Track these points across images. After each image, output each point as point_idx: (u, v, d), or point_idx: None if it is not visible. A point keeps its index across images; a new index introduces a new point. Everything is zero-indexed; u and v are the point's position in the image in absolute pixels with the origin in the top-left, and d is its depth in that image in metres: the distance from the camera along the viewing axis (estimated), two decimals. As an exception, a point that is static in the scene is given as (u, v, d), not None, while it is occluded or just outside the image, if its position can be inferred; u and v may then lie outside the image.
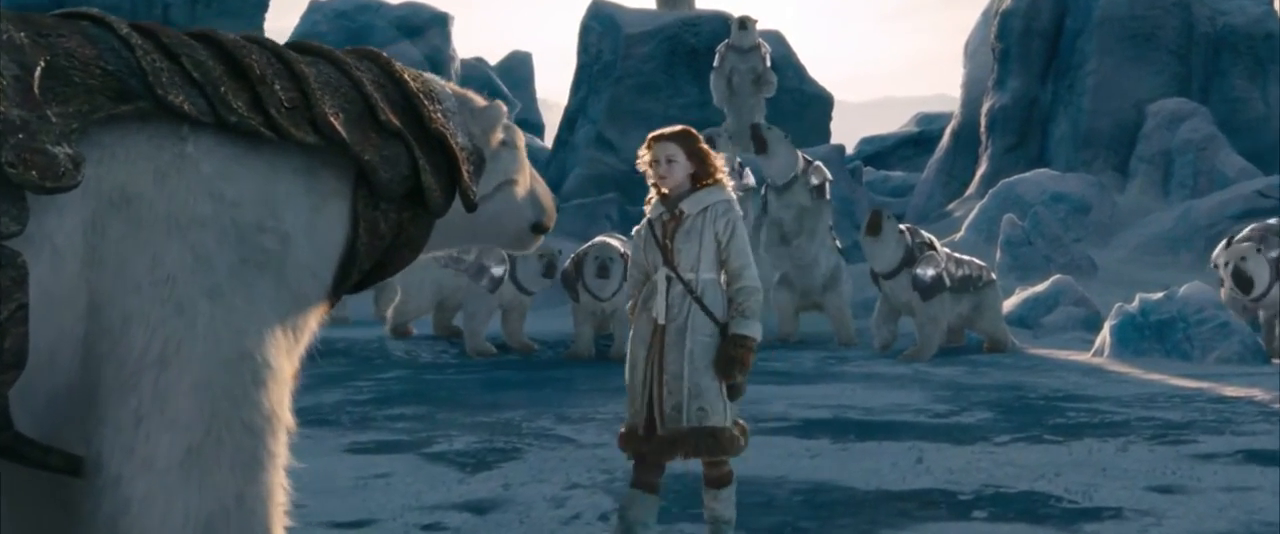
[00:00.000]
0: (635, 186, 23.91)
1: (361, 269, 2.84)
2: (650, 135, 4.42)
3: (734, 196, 4.42)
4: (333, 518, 4.91)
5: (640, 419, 4.38)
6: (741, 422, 4.55)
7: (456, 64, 38.20)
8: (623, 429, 4.50)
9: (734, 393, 4.39)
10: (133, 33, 2.49)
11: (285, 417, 2.58)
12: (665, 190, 4.36)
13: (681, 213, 4.33)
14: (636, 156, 4.47)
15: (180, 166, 2.43)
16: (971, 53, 28.05)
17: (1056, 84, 23.99)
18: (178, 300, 2.35)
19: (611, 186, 24.99)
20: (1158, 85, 22.88)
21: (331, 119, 2.65)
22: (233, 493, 2.40)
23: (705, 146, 4.39)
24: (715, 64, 19.59)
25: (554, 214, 3.69)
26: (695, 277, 4.31)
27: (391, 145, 2.79)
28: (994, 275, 12.60)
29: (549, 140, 31.36)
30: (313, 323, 2.74)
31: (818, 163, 14.08)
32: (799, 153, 13.69)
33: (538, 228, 3.58)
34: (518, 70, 45.53)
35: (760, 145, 13.36)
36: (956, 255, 12.40)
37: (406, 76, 2.96)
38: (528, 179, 3.46)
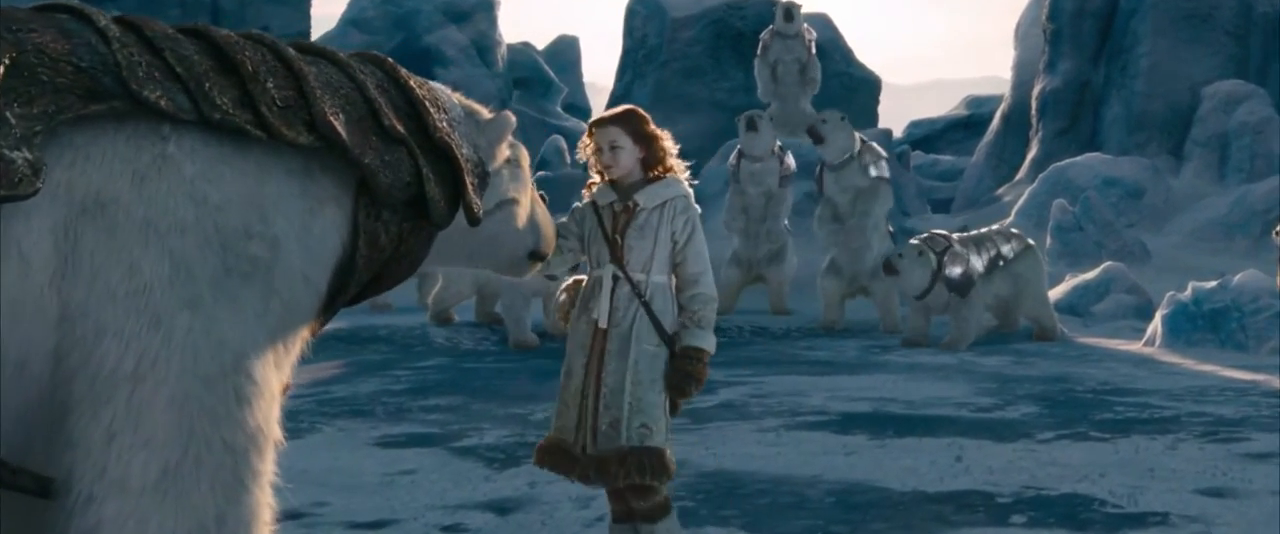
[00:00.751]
0: (680, 172, 23.75)
1: (360, 281, 2.72)
2: (591, 121, 3.99)
3: (691, 192, 3.96)
4: (354, 518, 4.82)
5: (570, 434, 3.92)
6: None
7: (502, 48, 38.17)
8: (544, 442, 4.01)
9: (674, 411, 3.95)
10: (112, 25, 2.37)
11: (273, 432, 2.46)
12: (614, 178, 3.90)
13: (635, 205, 3.86)
14: (579, 145, 4.03)
15: (161, 168, 2.31)
16: (1022, 34, 27.63)
17: (1109, 66, 23.55)
18: (154, 311, 2.23)
19: (657, 172, 24.80)
20: (1213, 67, 22.41)
21: (330, 119, 2.52)
22: (212, 515, 2.27)
23: (654, 129, 3.91)
24: (759, 51, 19.41)
25: (553, 241, 3.57)
26: (645, 278, 3.86)
27: (394, 151, 2.66)
28: (1029, 241, 12.31)
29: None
30: (306, 333, 2.63)
31: (874, 144, 14.02)
32: (856, 134, 13.57)
33: (535, 255, 3.45)
34: (565, 54, 45.45)
35: (817, 140, 13.35)
36: (974, 233, 12.16)
37: (412, 83, 2.83)
38: (530, 202, 3.33)
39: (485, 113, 3.08)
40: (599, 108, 32.15)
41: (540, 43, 44.65)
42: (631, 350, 3.83)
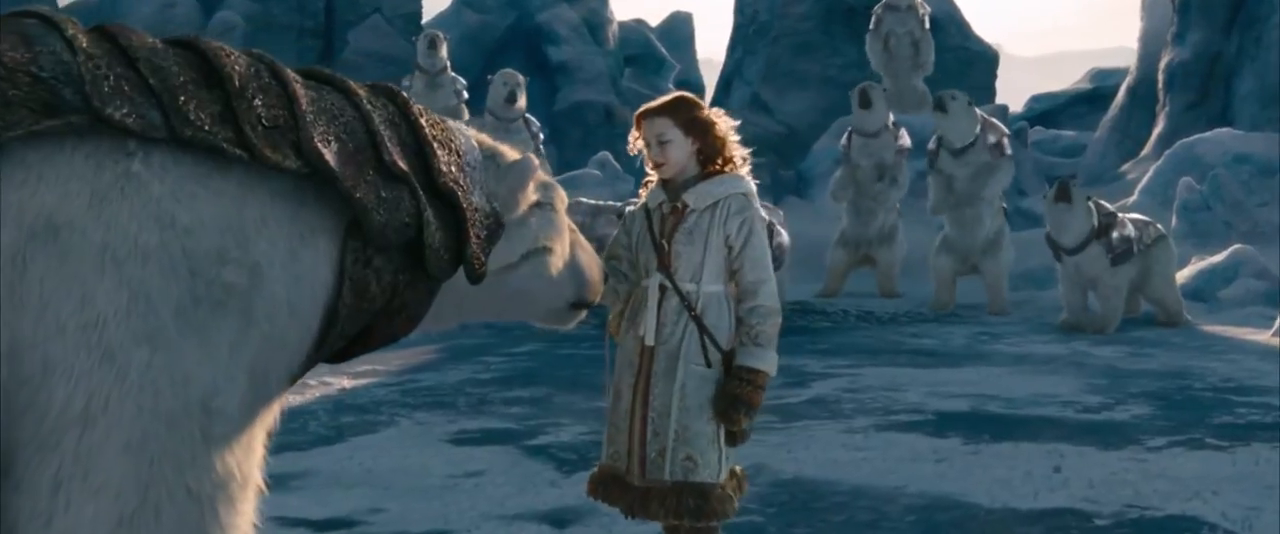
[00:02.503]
0: (793, 149, 23.31)
1: (344, 332, 2.46)
2: (638, 111, 3.60)
3: (751, 189, 3.54)
4: (407, 528, 4.64)
5: (622, 461, 3.54)
6: (739, 471, 3.66)
7: (614, 26, 38.00)
8: (596, 470, 3.68)
9: (733, 440, 3.52)
10: (80, 35, 2.17)
11: (250, 478, 2.24)
12: (665, 176, 3.52)
13: (684, 206, 3.47)
14: (630, 140, 3.60)
15: (124, 188, 2.10)
16: (1150, 4, 26.50)
17: (1242, 36, 22.41)
18: (107, 346, 2.03)
19: (768, 150, 24.40)
20: (1356, 36, 21.20)
21: (320, 145, 2.30)
22: None
23: (709, 116, 3.52)
24: (872, 26, 18.91)
25: (599, 287, 3.26)
26: (695, 288, 3.44)
27: (394, 189, 2.43)
28: (1160, 227, 11.74)
29: (708, 102, 30.89)
30: (295, 369, 2.39)
31: (994, 120, 13.53)
32: (979, 113, 13.10)
33: (578, 305, 3.18)
34: (678, 30, 45.09)
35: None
36: (1127, 215, 11.62)
37: (423, 121, 2.60)
38: (567, 247, 3.05)
39: (510, 155, 2.85)
40: (712, 85, 31.77)
41: (653, 20, 44.27)
42: (679, 371, 3.43)
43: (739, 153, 3.56)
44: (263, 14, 29.55)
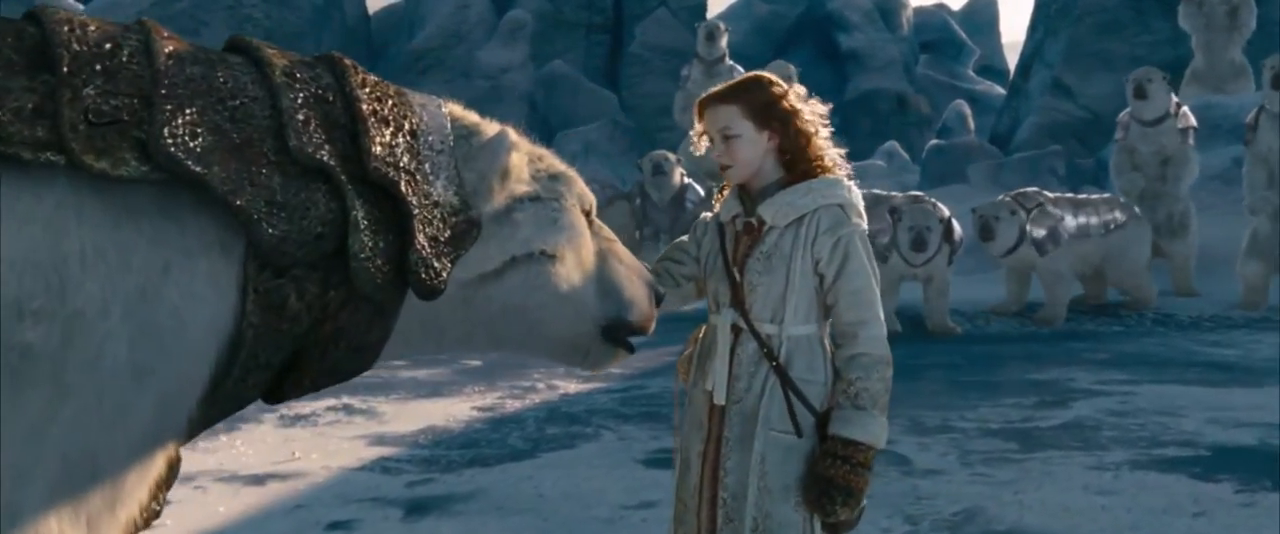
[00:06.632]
0: (1095, 135, 21.61)
1: (262, 361, 1.89)
2: (699, 98, 2.75)
3: (849, 198, 2.63)
4: (541, 572, 4.12)
5: None
6: None
7: (909, 11, 36.68)
8: None
9: (835, 531, 2.63)
10: None
11: None
12: (737, 181, 2.71)
13: (760, 223, 2.65)
14: (692, 137, 2.79)
15: None
16: None
17: None
18: None
19: (1068, 136, 22.84)
20: None
21: (178, 140, 1.74)
22: None
23: (792, 102, 2.64)
24: (1189, -9, 17.18)
25: (649, 312, 2.51)
26: (777, 331, 2.61)
27: (300, 186, 1.86)
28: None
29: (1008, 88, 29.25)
30: (157, 452, 1.83)
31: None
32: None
33: (616, 332, 2.43)
34: (981, 14, 43.20)
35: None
36: None
37: (363, 92, 1.99)
38: (588, 257, 2.36)
39: (491, 130, 2.21)
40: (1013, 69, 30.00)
41: (955, 3, 42.56)
42: (758, 439, 2.59)
43: (832, 151, 2.70)
44: (553, 11, 30.03)
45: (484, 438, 6.37)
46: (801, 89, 2.70)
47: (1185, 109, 12.54)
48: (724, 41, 18.00)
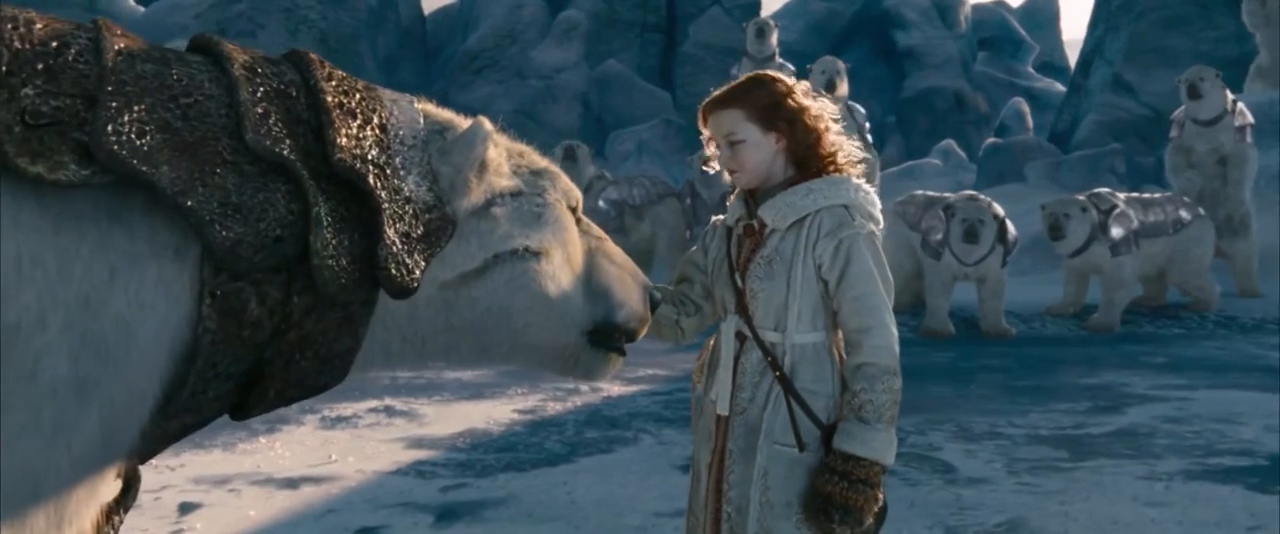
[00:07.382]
0: (1156, 133, 21.19)
1: (224, 373, 1.79)
2: (702, 103, 2.63)
3: (856, 198, 2.48)
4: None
5: None
6: None
7: (966, 8, 36.20)
8: None
9: None
10: None
11: None
12: (744, 186, 2.59)
13: (761, 226, 2.53)
14: (704, 144, 2.66)
15: None
16: None
17: None
18: None
19: (1129, 134, 22.44)
20: None
21: (122, 138, 1.64)
22: None
23: (798, 100, 2.51)
24: (1255, -13, 16.82)
25: (641, 314, 2.39)
26: (780, 339, 2.48)
27: (258, 186, 1.76)
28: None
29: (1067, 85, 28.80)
30: (106, 469, 1.73)
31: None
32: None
33: (603, 336, 2.30)
34: (1042, 10, 42.59)
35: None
36: None
37: (329, 86, 1.90)
38: (576, 257, 2.24)
39: (464, 125, 2.09)
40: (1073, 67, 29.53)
41: (1015, 0, 41.99)
42: (761, 451, 2.47)
43: (845, 149, 2.55)
44: (607, 11, 29.99)
45: (521, 442, 6.30)
46: (806, 85, 2.57)
47: (1242, 106, 12.25)
48: (774, 39, 17.80)
